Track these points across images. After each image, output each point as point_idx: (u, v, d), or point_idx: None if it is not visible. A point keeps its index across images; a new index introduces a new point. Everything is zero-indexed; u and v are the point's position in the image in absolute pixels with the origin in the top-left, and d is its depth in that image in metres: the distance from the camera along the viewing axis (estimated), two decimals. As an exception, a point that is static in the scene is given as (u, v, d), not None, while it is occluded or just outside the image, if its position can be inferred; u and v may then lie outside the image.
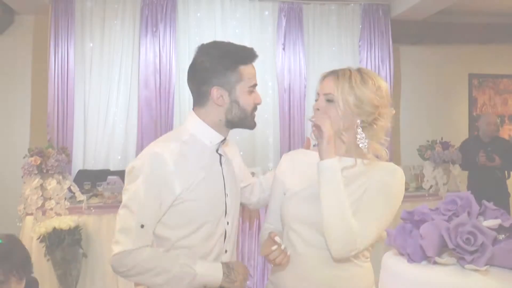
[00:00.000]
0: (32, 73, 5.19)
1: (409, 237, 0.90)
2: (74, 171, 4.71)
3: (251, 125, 1.48)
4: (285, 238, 1.45)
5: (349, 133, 1.41)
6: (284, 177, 1.51)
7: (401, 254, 0.89)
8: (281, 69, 5.29)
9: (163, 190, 1.36)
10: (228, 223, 1.48)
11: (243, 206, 1.78)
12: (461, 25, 5.81)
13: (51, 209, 3.40)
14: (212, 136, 1.47)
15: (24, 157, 3.62)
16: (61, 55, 4.85)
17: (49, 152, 3.50)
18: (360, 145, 1.39)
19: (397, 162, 5.79)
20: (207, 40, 5.51)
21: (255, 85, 1.45)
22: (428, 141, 4.28)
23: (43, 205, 3.42)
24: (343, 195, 1.30)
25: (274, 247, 1.33)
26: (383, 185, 1.36)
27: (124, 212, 1.36)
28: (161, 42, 5.03)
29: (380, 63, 5.59)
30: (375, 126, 1.42)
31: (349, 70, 1.43)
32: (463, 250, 0.78)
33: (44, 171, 3.45)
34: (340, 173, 1.32)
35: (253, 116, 1.46)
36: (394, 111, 1.48)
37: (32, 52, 5.19)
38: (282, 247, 1.33)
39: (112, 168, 4.87)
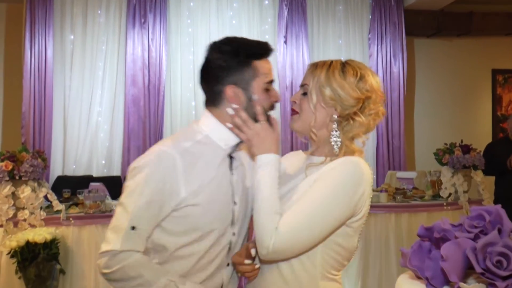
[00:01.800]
0: (4, 68, 5.18)
1: (428, 257, 0.85)
2: (52, 178, 4.67)
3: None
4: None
5: (323, 130, 1.41)
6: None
7: (418, 278, 0.85)
8: (283, 64, 5.27)
9: (167, 192, 1.37)
10: (234, 233, 1.48)
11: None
12: (483, 14, 5.79)
13: (25, 220, 3.34)
14: (228, 138, 1.47)
15: (-6, 162, 3.57)
16: (37, 48, 4.83)
17: (23, 156, 3.45)
18: (332, 143, 1.39)
19: (411, 167, 5.79)
20: (200, 32, 5.54)
21: (272, 81, 1.46)
22: (446, 144, 4.24)
23: (15, 215, 3.36)
24: (270, 188, 1.32)
25: (248, 261, 1.36)
26: (329, 172, 1.32)
27: (119, 210, 1.39)
28: (150, 35, 5.01)
29: (392, 57, 5.58)
30: (351, 121, 1.38)
31: (332, 60, 1.42)
32: (493, 275, 0.73)
33: (17, 177, 3.39)
34: (274, 166, 1.35)
35: (268, 116, 1.46)
36: (385, 111, 1.46)
37: (4, 44, 5.19)
38: (257, 266, 1.35)
39: (95, 174, 4.83)
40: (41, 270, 3.21)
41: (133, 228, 1.35)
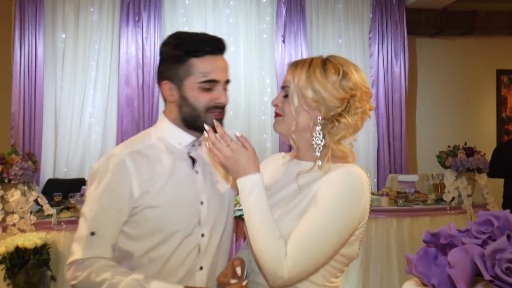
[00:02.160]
0: (-7, 68, 5.14)
1: (434, 264, 0.85)
2: (43, 181, 4.66)
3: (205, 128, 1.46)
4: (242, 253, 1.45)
5: (307, 133, 1.36)
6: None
7: (424, 285, 0.84)
8: (281, 64, 5.27)
9: (121, 195, 1.40)
10: (203, 235, 1.47)
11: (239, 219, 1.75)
12: (487, 13, 5.81)
13: (14, 224, 3.33)
14: (181, 137, 1.49)
15: (-17, 165, 3.55)
16: (28, 47, 4.81)
17: (12, 159, 3.43)
18: (314, 146, 1.34)
19: (413, 170, 5.79)
20: (196, 31, 5.51)
21: (211, 81, 1.42)
22: (449, 146, 4.24)
23: (4, 220, 3.35)
24: (257, 216, 1.27)
25: (234, 281, 1.31)
26: (330, 188, 1.28)
27: (80, 220, 1.42)
28: (144, 34, 5.01)
29: (393, 57, 5.59)
30: (337, 123, 1.33)
31: (313, 58, 1.37)
32: (503, 283, 0.72)
33: (6, 180, 3.38)
34: (259, 188, 1.29)
35: (209, 117, 1.43)
36: (372, 107, 1.41)
37: (-7, 44, 5.14)
38: (244, 282, 1.31)
39: (87, 177, 4.80)
40: (31, 277, 3.19)
41: (92, 233, 1.37)
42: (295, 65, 1.37)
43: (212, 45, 1.42)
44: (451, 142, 4.39)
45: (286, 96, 1.36)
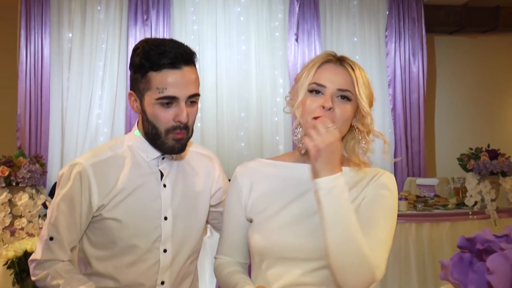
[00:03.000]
0: (-2, 68, 5.20)
1: (471, 270, 0.85)
2: (49, 184, 4.69)
3: (166, 148, 1.44)
4: (260, 276, 1.37)
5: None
6: (247, 198, 1.42)
7: (460, 292, 0.84)
8: (294, 63, 5.27)
9: (80, 204, 1.45)
10: (166, 250, 1.48)
11: None
12: (511, 8, 5.75)
13: (22, 228, 3.36)
14: (148, 150, 1.49)
15: (-11, 167, 3.59)
16: (34, 46, 4.86)
17: (20, 162, 3.47)
18: (360, 151, 1.41)
19: (432, 174, 5.76)
20: (206, 29, 5.52)
21: (168, 97, 1.37)
22: (471, 149, 4.22)
23: (11, 224, 3.37)
24: (354, 220, 1.23)
25: None
26: (380, 199, 1.34)
27: (45, 221, 1.51)
28: (153, 32, 5.03)
29: (411, 56, 5.58)
30: (367, 124, 1.43)
31: (352, 62, 1.38)
32: (545, 289, 0.73)
33: (14, 183, 3.41)
34: (347, 191, 1.24)
35: (170, 138, 1.42)
36: None
37: (-2, 43, 5.20)
38: None
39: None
40: (40, 283, 3.22)
41: (51, 238, 1.46)
42: (350, 67, 1.36)
43: (172, 57, 1.37)
44: (471, 145, 4.36)
45: (343, 98, 1.34)
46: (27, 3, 4.85)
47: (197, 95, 1.43)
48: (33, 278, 1.49)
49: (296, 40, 5.30)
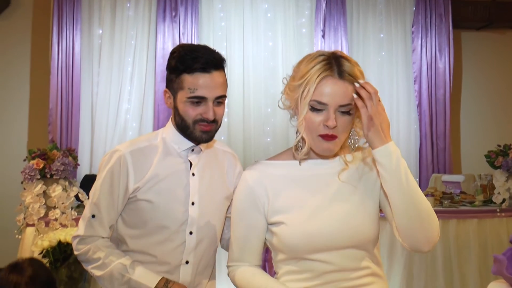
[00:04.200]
0: (31, 64, 5.29)
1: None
2: (80, 177, 4.77)
3: (194, 137, 1.63)
4: (301, 268, 1.43)
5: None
6: (266, 204, 1.46)
7: None
8: (320, 59, 5.25)
9: (119, 186, 1.61)
10: (191, 233, 1.64)
11: None
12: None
13: (56, 219, 3.43)
14: (180, 141, 1.66)
15: (24, 160, 3.67)
16: (65, 43, 4.94)
17: (54, 155, 3.54)
18: (351, 144, 1.45)
19: (457, 170, 5.69)
20: (233, 26, 5.58)
21: (198, 97, 1.56)
22: (499, 145, 4.17)
23: (46, 215, 3.45)
24: (417, 186, 1.35)
25: None
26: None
27: (87, 203, 1.68)
28: (181, 29, 5.07)
29: (437, 53, 5.52)
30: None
31: (347, 64, 1.37)
32: None
33: (48, 176, 3.49)
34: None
35: (198, 129, 1.59)
36: None
37: (31, 39, 5.29)
38: None
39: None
40: (73, 272, 3.28)
41: (93, 216, 1.63)
42: (349, 82, 1.37)
43: (203, 62, 1.54)
44: (497, 142, 4.31)
45: (344, 113, 1.38)
46: (59, 2, 4.92)
47: (224, 96, 1.61)
48: (76, 253, 1.65)
49: (323, 36, 5.29)
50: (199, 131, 1.59)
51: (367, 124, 1.30)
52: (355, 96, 1.32)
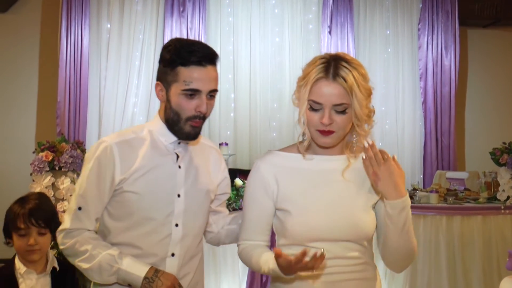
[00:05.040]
0: (40, 57, 5.31)
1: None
2: (87, 170, 4.78)
3: (182, 133, 1.62)
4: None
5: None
6: (275, 190, 1.56)
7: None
8: (326, 55, 5.24)
9: (105, 177, 1.59)
10: (177, 225, 1.64)
11: None
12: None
13: (64, 211, 3.45)
14: (166, 135, 1.65)
15: (33, 152, 3.69)
16: (74, 36, 4.95)
17: (63, 147, 3.56)
18: (355, 141, 1.55)
19: (461, 167, 5.69)
20: (240, 21, 5.59)
21: (192, 90, 1.56)
22: (504, 143, 4.16)
23: (54, 206, 3.47)
24: (412, 232, 1.50)
25: (308, 258, 1.37)
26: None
27: (72, 195, 1.67)
28: (189, 24, 5.08)
29: (443, 50, 5.50)
30: (369, 114, 1.53)
31: (345, 67, 1.45)
32: None
33: (57, 168, 3.51)
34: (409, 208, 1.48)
35: (188, 125, 1.59)
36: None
37: (40, 33, 5.30)
38: (324, 251, 1.39)
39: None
40: (81, 264, 3.30)
41: (79, 208, 1.60)
42: (343, 81, 1.45)
43: (199, 56, 1.56)
44: (501, 139, 4.31)
45: (339, 112, 1.48)
46: (68, -4, 4.95)
47: (216, 90, 1.61)
48: (61, 247, 1.61)
49: (330, 32, 5.28)
50: (189, 126, 1.60)
51: (374, 180, 1.46)
52: (363, 157, 1.48)
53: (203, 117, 1.60)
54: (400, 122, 5.47)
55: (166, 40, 5.03)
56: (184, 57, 1.55)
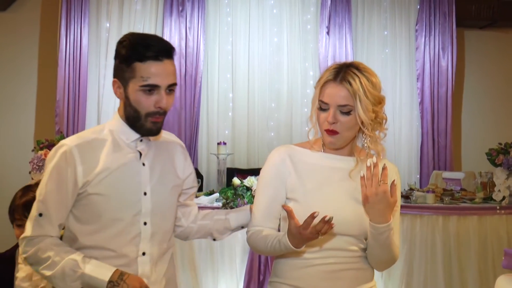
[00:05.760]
0: (39, 56, 5.30)
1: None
2: (85, 168, 4.78)
3: (144, 130, 1.59)
4: None
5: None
6: (289, 180, 1.64)
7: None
8: (324, 56, 5.26)
9: (66, 181, 1.55)
10: (146, 223, 1.61)
11: None
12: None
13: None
14: (128, 133, 1.62)
15: (32, 150, 3.70)
16: (73, 35, 4.95)
17: (61, 146, 3.56)
18: (365, 145, 1.62)
19: (457, 168, 5.70)
20: (239, 21, 5.60)
21: (151, 85, 1.53)
22: (500, 143, 4.17)
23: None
24: (395, 245, 1.58)
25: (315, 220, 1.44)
26: (397, 189, 1.57)
27: (35, 201, 1.60)
28: (188, 23, 5.07)
29: (440, 51, 5.51)
30: (378, 120, 1.59)
31: (354, 73, 1.55)
32: None
33: (56, 166, 3.51)
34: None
35: (149, 121, 1.57)
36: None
37: (39, 31, 5.30)
38: (331, 218, 1.44)
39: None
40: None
41: (40, 215, 1.54)
42: (348, 85, 1.54)
43: (156, 51, 1.52)
44: (497, 140, 4.32)
45: (344, 113, 1.56)
46: (67, -6, 4.94)
47: (175, 84, 1.59)
48: (24, 256, 1.57)
49: (328, 33, 5.28)
50: (150, 123, 1.56)
51: (363, 201, 1.52)
52: (361, 174, 1.51)
53: (163, 113, 1.57)
54: (397, 122, 5.49)
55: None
56: (140, 52, 1.51)
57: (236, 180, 3.75)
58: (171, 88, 1.57)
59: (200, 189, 4.14)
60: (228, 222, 1.82)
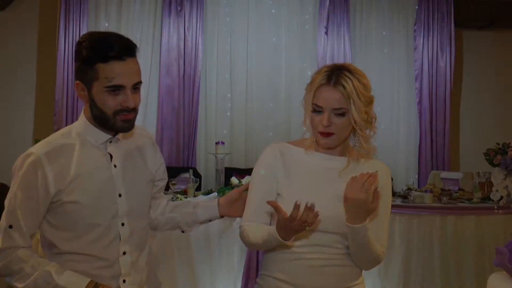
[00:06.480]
0: (38, 56, 5.30)
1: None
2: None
3: (117, 128, 1.56)
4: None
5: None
6: (281, 176, 1.67)
7: None
8: (323, 56, 5.26)
9: (37, 191, 1.50)
10: (123, 224, 1.59)
11: None
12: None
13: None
14: (96, 135, 1.57)
15: (30, 150, 3.69)
16: (72, 35, 4.95)
17: (60, 145, 3.56)
18: (357, 145, 1.65)
19: (455, 168, 5.70)
20: (238, 21, 5.60)
21: (115, 86, 1.48)
22: (498, 144, 4.17)
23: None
24: (371, 244, 1.58)
25: (300, 210, 1.46)
26: (386, 188, 1.64)
27: (3, 213, 1.54)
28: (186, 23, 5.07)
29: (438, 51, 5.52)
30: (369, 119, 1.62)
31: (346, 76, 1.57)
32: None
33: (54, 166, 3.51)
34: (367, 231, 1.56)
35: (117, 120, 1.52)
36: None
37: (38, 31, 5.30)
38: (311, 203, 1.46)
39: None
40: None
41: (10, 226, 1.50)
42: (342, 88, 1.56)
43: (118, 50, 1.47)
44: (495, 140, 4.32)
45: (338, 115, 1.58)
46: (66, -5, 4.94)
47: (140, 83, 1.55)
48: None
49: (326, 33, 5.28)
50: (120, 121, 1.52)
51: (343, 199, 1.54)
52: (352, 176, 1.54)
53: (133, 110, 1.53)
54: (396, 122, 5.49)
55: (163, 40, 5.05)
56: (102, 52, 1.46)
57: (234, 180, 3.75)
58: (136, 86, 1.53)
59: (198, 188, 4.14)
60: (196, 216, 1.82)
